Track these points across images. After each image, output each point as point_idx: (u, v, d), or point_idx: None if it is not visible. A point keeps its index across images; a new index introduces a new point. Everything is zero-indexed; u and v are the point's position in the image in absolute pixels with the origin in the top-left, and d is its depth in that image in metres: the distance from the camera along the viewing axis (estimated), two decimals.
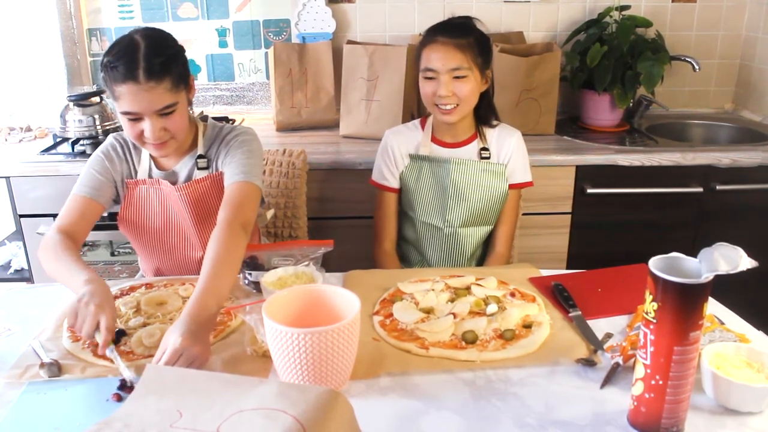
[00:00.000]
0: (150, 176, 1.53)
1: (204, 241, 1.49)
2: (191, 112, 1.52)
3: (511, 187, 1.74)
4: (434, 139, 1.75)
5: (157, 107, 1.34)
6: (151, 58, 1.32)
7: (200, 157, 1.51)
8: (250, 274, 1.37)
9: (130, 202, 1.53)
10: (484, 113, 1.74)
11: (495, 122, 1.76)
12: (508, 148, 1.74)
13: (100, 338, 1.12)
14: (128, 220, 1.54)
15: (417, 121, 1.80)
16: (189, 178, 1.52)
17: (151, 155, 1.52)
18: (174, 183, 1.51)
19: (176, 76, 1.36)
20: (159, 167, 1.54)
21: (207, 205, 1.51)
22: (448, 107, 1.63)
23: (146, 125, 1.36)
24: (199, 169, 1.51)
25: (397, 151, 1.76)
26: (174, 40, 1.42)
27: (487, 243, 1.81)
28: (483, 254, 1.82)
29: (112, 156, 1.51)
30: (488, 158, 1.72)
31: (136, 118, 1.36)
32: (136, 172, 1.53)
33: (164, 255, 1.60)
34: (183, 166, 1.53)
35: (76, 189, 1.46)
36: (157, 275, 1.62)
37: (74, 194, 1.45)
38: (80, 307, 1.14)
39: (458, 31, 1.61)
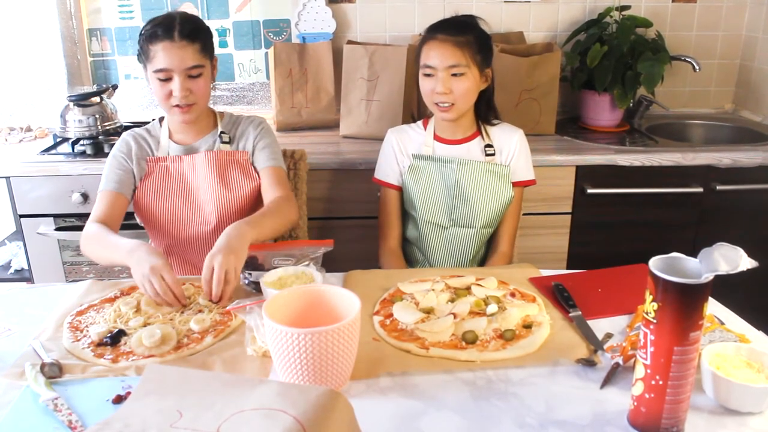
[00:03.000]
0: (168, 154, 1.66)
1: (217, 210, 1.63)
2: (212, 88, 1.67)
3: (515, 185, 1.74)
4: (436, 137, 1.76)
5: (187, 64, 1.52)
6: (185, 24, 1.54)
7: (222, 133, 1.68)
8: (250, 274, 1.37)
9: (149, 179, 1.64)
10: (485, 112, 1.74)
11: (495, 121, 1.77)
12: (511, 147, 1.74)
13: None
14: (145, 196, 1.64)
15: (420, 122, 1.81)
16: (211, 150, 1.67)
17: (169, 133, 1.66)
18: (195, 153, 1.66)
19: (204, 44, 1.56)
20: (178, 143, 1.67)
21: (228, 174, 1.65)
22: (446, 104, 1.63)
23: (175, 84, 1.53)
24: (223, 143, 1.67)
25: (398, 149, 1.77)
26: (203, 22, 1.62)
27: (489, 243, 1.81)
28: (485, 254, 1.82)
29: (129, 149, 1.64)
30: (493, 155, 1.72)
31: (167, 78, 1.53)
32: (154, 154, 1.66)
33: (176, 230, 1.66)
34: (204, 142, 1.68)
35: (102, 186, 1.60)
36: (169, 257, 1.68)
37: (102, 191, 1.59)
38: (138, 277, 1.27)
39: (458, 28, 1.62)
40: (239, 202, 1.66)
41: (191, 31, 1.53)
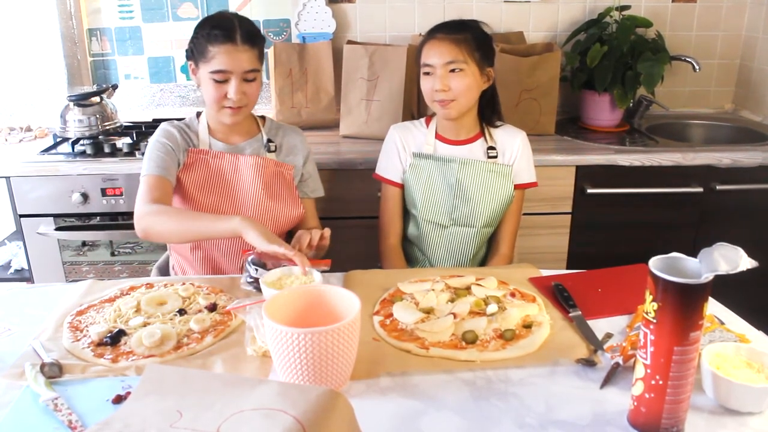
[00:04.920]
0: (210, 148, 1.67)
1: (258, 217, 1.63)
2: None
3: (516, 187, 1.74)
4: (439, 137, 1.76)
5: (246, 68, 1.54)
6: (246, 28, 1.56)
7: (270, 141, 1.71)
8: (256, 269, 1.37)
9: (189, 169, 1.64)
10: (488, 113, 1.74)
11: (499, 123, 1.77)
12: (514, 149, 1.74)
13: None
14: (184, 185, 1.63)
15: (422, 120, 1.81)
16: (258, 155, 1.69)
17: (209, 129, 1.67)
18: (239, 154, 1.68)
19: (261, 50, 1.60)
20: (221, 141, 1.68)
21: (274, 186, 1.68)
22: (445, 100, 1.63)
23: (231, 86, 1.54)
24: (269, 152, 1.70)
25: (401, 146, 1.77)
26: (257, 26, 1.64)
27: (489, 243, 1.81)
28: (485, 254, 1.82)
29: (173, 138, 1.63)
30: (495, 157, 1.72)
31: (223, 80, 1.54)
32: (196, 146, 1.67)
33: None
34: (248, 145, 1.70)
35: (146, 171, 1.57)
36: (193, 251, 1.67)
37: (147, 175, 1.56)
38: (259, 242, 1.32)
39: (455, 27, 1.63)
40: (279, 219, 1.67)
41: (251, 35, 1.55)
